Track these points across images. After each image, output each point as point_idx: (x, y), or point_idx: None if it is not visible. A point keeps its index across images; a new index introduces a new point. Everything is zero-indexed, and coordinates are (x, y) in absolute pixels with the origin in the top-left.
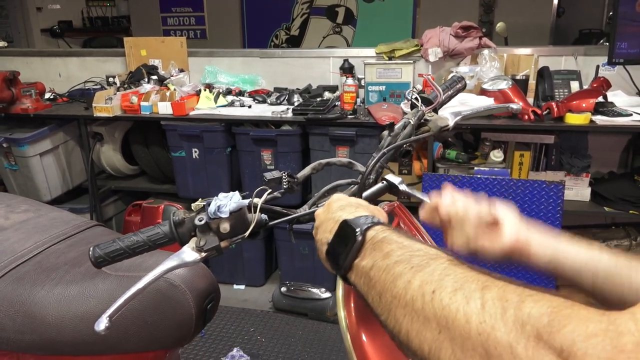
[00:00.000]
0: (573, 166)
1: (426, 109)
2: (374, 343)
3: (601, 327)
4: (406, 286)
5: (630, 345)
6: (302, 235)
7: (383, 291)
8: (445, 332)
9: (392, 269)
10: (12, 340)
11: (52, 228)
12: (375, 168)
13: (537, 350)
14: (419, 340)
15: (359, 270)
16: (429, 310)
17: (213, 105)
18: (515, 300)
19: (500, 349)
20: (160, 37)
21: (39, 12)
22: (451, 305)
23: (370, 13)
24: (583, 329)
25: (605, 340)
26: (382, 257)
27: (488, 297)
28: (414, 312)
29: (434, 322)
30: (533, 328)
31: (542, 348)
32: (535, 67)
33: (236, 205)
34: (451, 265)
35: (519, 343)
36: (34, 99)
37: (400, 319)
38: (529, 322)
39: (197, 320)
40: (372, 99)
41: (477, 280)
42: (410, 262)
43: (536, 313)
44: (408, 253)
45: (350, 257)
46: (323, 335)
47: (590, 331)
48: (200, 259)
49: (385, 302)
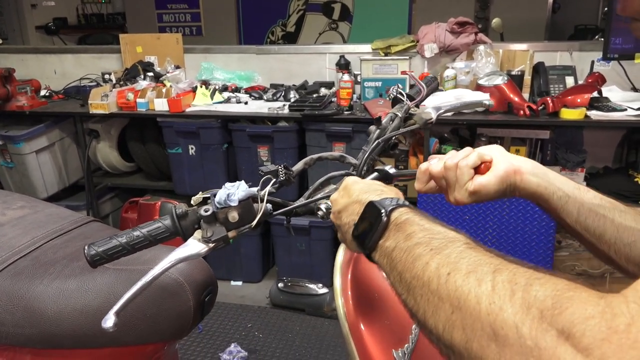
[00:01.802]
0: (568, 161)
1: (411, 103)
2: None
3: (598, 310)
4: (424, 267)
5: (623, 326)
6: (299, 231)
7: (403, 271)
8: (458, 312)
9: (412, 250)
10: (12, 335)
11: (49, 224)
12: (368, 159)
13: (540, 330)
14: (434, 319)
15: (382, 250)
16: (443, 291)
17: (209, 102)
18: (524, 284)
19: (507, 329)
20: (156, 34)
21: (34, 9)
22: (464, 286)
23: (366, 9)
24: (582, 311)
25: (601, 322)
26: (404, 238)
27: (499, 280)
28: (430, 293)
29: (448, 303)
30: (538, 310)
31: (544, 329)
32: (530, 62)
33: (245, 194)
34: (467, 249)
35: (524, 324)
36: (30, 96)
37: (418, 299)
38: (535, 305)
39: (195, 313)
40: (369, 95)
41: (490, 264)
42: (430, 245)
43: (541, 296)
44: (428, 235)
45: (375, 237)
46: (320, 331)
47: (589, 313)
48: (208, 250)
49: (405, 282)
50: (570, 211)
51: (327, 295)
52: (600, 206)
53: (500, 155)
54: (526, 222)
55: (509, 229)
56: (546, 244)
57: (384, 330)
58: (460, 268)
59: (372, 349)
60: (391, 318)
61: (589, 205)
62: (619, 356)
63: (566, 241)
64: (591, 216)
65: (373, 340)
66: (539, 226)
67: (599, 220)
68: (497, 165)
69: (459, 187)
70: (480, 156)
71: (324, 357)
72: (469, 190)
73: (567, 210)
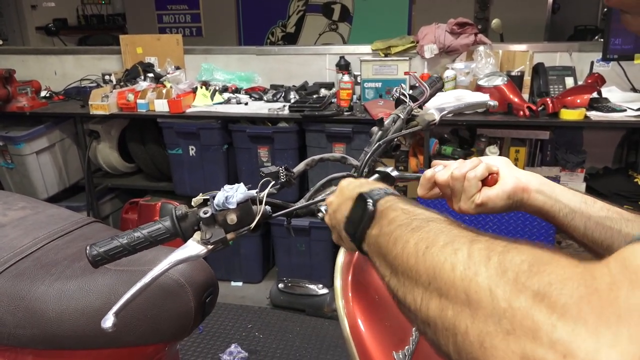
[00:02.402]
0: (568, 162)
1: (414, 104)
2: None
3: (577, 271)
4: (404, 246)
5: (604, 286)
6: (299, 232)
7: (386, 254)
8: (434, 282)
9: (393, 233)
10: (13, 335)
11: (50, 224)
12: (369, 160)
13: (515, 292)
14: (412, 295)
15: (369, 239)
16: (420, 265)
17: (209, 103)
18: (500, 250)
19: (481, 292)
20: (156, 35)
21: (34, 10)
22: (440, 256)
23: (366, 10)
24: (560, 273)
25: (580, 282)
26: (387, 223)
27: (475, 248)
28: (408, 269)
29: (424, 275)
30: (513, 272)
31: (519, 290)
32: (530, 63)
33: (243, 196)
34: (447, 225)
35: (498, 286)
36: (30, 97)
37: (400, 278)
38: (510, 268)
39: (196, 314)
40: (369, 96)
41: (467, 236)
42: (410, 225)
43: (518, 260)
44: (410, 217)
45: (363, 227)
46: (321, 331)
47: (567, 275)
48: (207, 252)
49: (387, 264)
50: (577, 226)
51: (328, 296)
52: (607, 218)
53: (508, 169)
54: (526, 222)
55: (509, 229)
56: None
57: (384, 331)
58: (437, 242)
59: (372, 350)
60: (392, 319)
61: (596, 218)
62: (597, 314)
63: (566, 241)
64: (598, 229)
65: (374, 342)
66: (539, 226)
67: (606, 233)
68: (504, 180)
69: (466, 198)
70: (488, 168)
71: (324, 357)
72: (476, 202)
73: (574, 225)
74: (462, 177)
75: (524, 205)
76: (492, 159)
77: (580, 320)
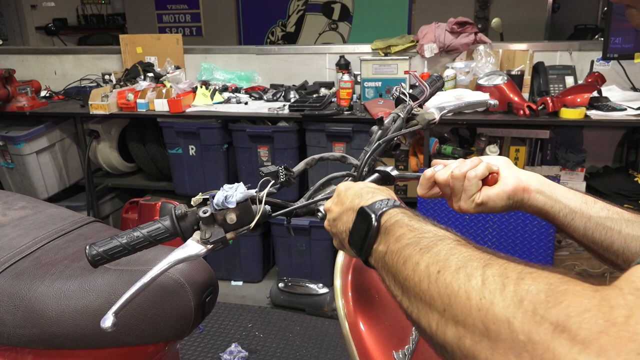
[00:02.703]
0: (568, 161)
1: (414, 103)
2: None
3: (594, 303)
4: (414, 268)
5: (621, 319)
6: (299, 232)
7: (396, 274)
8: (449, 310)
9: (402, 252)
10: (13, 335)
11: (50, 224)
12: (369, 160)
13: (534, 324)
14: (427, 319)
15: (376, 255)
16: (434, 290)
17: (209, 102)
18: (515, 277)
19: (499, 323)
20: (156, 34)
21: (34, 10)
22: (453, 283)
23: (366, 9)
24: (577, 304)
25: (598, 314)
26: (394, 241)
27: (489, 274)
28: (422, 293)
29: (439, 301)
30: (530, 303)
31: (538, 322)
32: (530, 62)
33: (242, 196)
34: (457, 245)
35: (516, 318)
36: (30, 97)
37: (412, 300)
38: (527, 298)
39: (196, 313)
40: (368, 95)
41: (480, 259)
42: (419, 245)
43: (534, 289)
44: (418, 235)
45: (369, 243)
46: (321, 331)
47: (585, 307)
48: (206, 251)
49: (398, 284)
50: (577, 227)
51: (328, 295)
52: (607, 218)
53: (508, 169)
54: (526, 221)
55: (509, 229)
56: (546, 244)
57: (384, 331)
58: (449, 265)
59: (372, 350)
60: (392, 319)
61: (596, 219)
62: (617, 349)
63: (566, 241)
64: (598, 230)
65: (373, 341)
66: (539, 226)
67: (607, 233)
68: (505, 180)
69: (466, 197)
70: (489, 167)
71: (324, 357)
72: (477, 202)
73: (574, 226)
74: (462, 176)
75: (524, 206)
76: (492, 158)
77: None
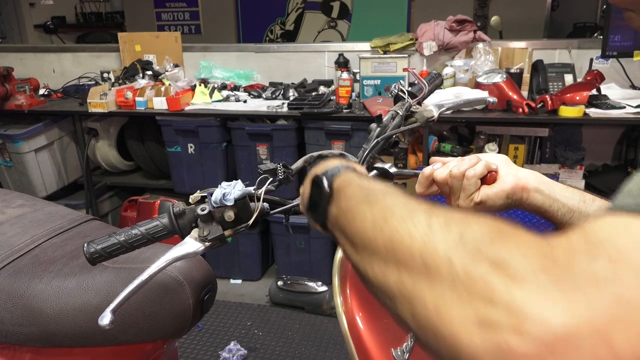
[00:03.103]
0: (567, 159)
1: (413, 101)
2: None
3: (537, 243)
4: (363, 220)
5: (563, 257)
6: (298, 229)
7: (345, 230)
8: (392, 254)
9: (352, 209)
10: (11, 333)
11: (49, 222)
12: (368, 157)
13: (474, 262)
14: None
15: (331, 218)
16: (379, 237)
17: (208, 100)
18: (460, 222)
19: (439, 261)
20: (155, 32)
21: (32, 8)
22: (399, 228)
23: (365, 7)
24: (520, 244)
25: (540, 253)
26: (345, 200)
27: (434, 219)
28: (368, 243)
29: (383, 247)
30: (473, 243)
31: (478, 260)
32: (529, 60)
33: (241, 193)
34: (403, 198)
35: (457, 256)
36: (28, 95)
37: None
38: (470, 239)
39: (194, 311)
40: (368, 93)
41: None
42: (367, 200)
43: (479, 232)
44: (366, 192)
45: (322, 208)
46: (320, 329)
47: (527, 246)
48: (204, 249)
49: (348, 241)
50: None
51: (327, 293)
52: None
53: (507, 167)
54: (525, 220)
55: None
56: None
57: (383, 328)
58: (395, 214)
59: (371, 347)
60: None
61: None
62: (554, 281)
63: None
64: None
65: (372, 339)
66: (537, 224)
67: None
68: (504, 179)
69: (465, 196)
70: (487, 166)
71: (323, 354)
72: (475, 201)
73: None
74: (460, 175)
75: (523, 204)
76: (491, 156)
77: (537, 287)
